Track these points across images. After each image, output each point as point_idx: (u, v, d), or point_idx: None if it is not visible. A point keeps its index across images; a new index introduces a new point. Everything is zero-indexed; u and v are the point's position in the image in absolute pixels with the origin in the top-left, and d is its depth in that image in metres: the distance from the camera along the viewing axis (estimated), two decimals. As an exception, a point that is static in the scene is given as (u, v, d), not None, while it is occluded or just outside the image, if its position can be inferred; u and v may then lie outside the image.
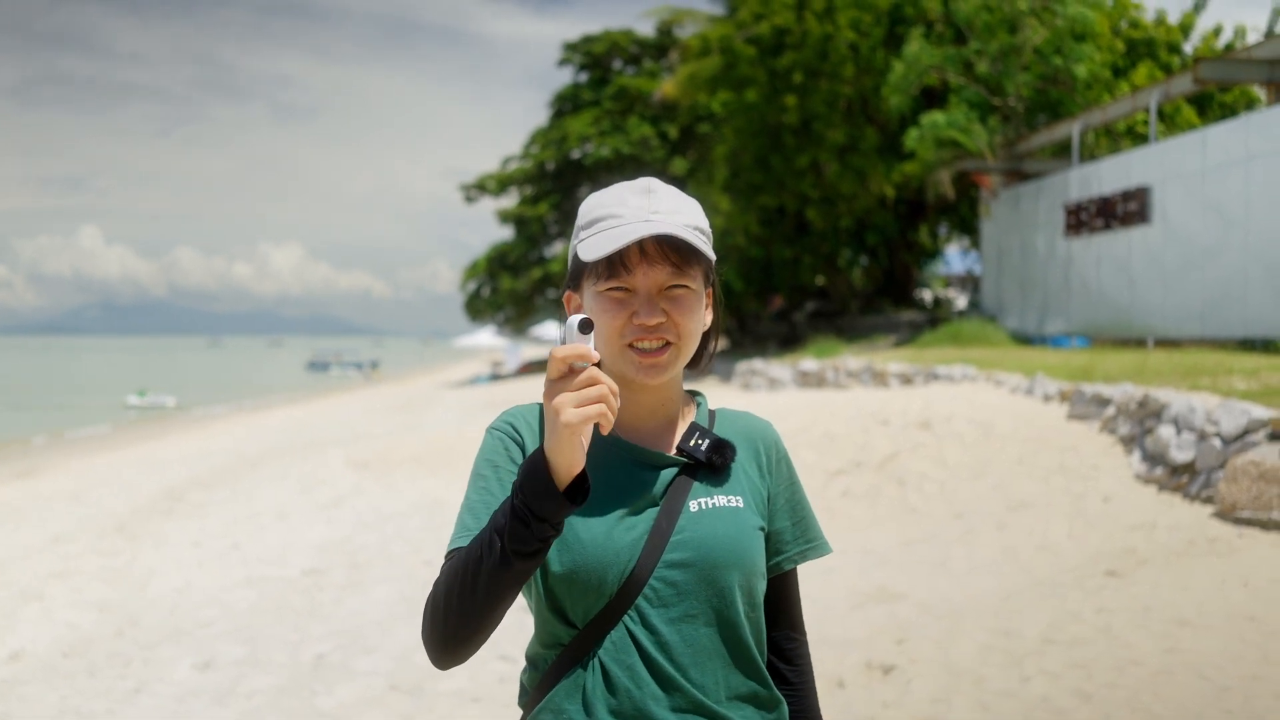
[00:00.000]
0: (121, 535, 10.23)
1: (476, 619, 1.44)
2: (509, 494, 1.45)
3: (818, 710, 1.71)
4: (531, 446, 1.59)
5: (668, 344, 1.56)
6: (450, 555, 1.50)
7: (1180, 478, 7.98)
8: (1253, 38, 26.11)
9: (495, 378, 41.79)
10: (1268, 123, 15.32)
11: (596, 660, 1.52)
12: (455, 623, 1.44)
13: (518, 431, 1.61)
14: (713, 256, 1.60)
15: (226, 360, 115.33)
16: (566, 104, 46.38)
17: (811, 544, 1.69)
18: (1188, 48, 26.63)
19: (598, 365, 1.38)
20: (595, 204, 1.60)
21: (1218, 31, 26.94)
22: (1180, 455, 7.99)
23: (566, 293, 1.66)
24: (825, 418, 11.68)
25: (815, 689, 1.72)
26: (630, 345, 1.55)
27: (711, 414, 1.69)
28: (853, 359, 18.05)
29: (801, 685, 1.69)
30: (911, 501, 8.94)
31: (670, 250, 1.54)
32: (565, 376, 1.36)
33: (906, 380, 14.77)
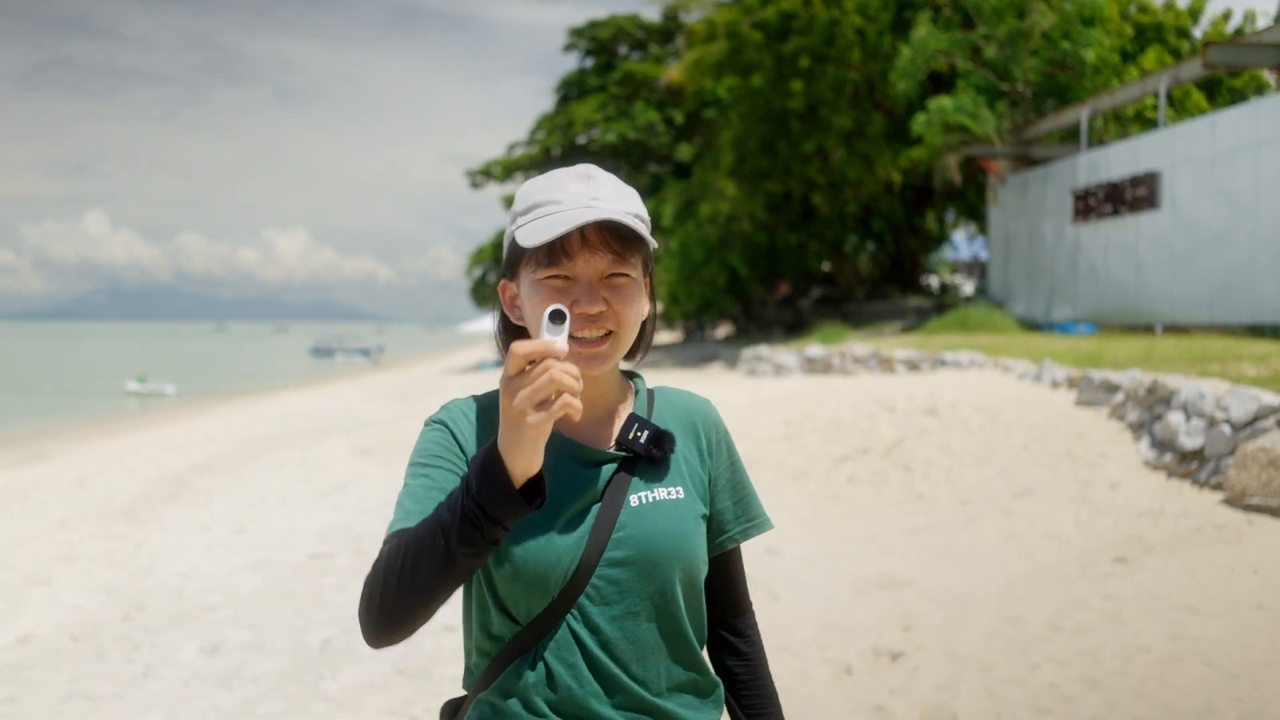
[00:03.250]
0: (127, 520, 10.24)
1: (414, 608, 1.42)
2: (450, 488, 1.45)
3: (769, 678, 1.73)
4: (469, 444, 1.56)
5: (609, 333, 1.52)
6: (389, 539, 1.47)
7: (1189, 464, 7.95)
8: (1262, 22, 25.97)
9: (500, 364, 41.78)
10: (1277, 108, 15.23)
11: (539, 656, 1.52)
12: (391, 608, 1.42)
13: (457, 427, 1.57)
14: (654, 244, 1.57)
15: (231, 346, 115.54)
16: (572, 89, 46.27)
17: (753, 522, 1.68)
18: (1197, 32, 26.49)
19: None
20: (533, 189, 1.56)
21: (1227, 16, 26.80)
22: (1189, 442, 7.96)
23: (502, 282, 1.62)
24: (831, 404, 11.66)
25: (766, 659, 1.74)
26: (570, 335, 1.48)
27: (650, 395, 1.67)
28: (859, 345, 18.01)
29: (753, 656, 1.71)
30: (918, 488, 8.91)
31: (613, 238, 1.50)
32: (524, 373, 1.32)
33: (913, 366, 14.74)
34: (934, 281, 38.21)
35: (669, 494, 1.58)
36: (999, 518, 7.91)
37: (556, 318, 1.35)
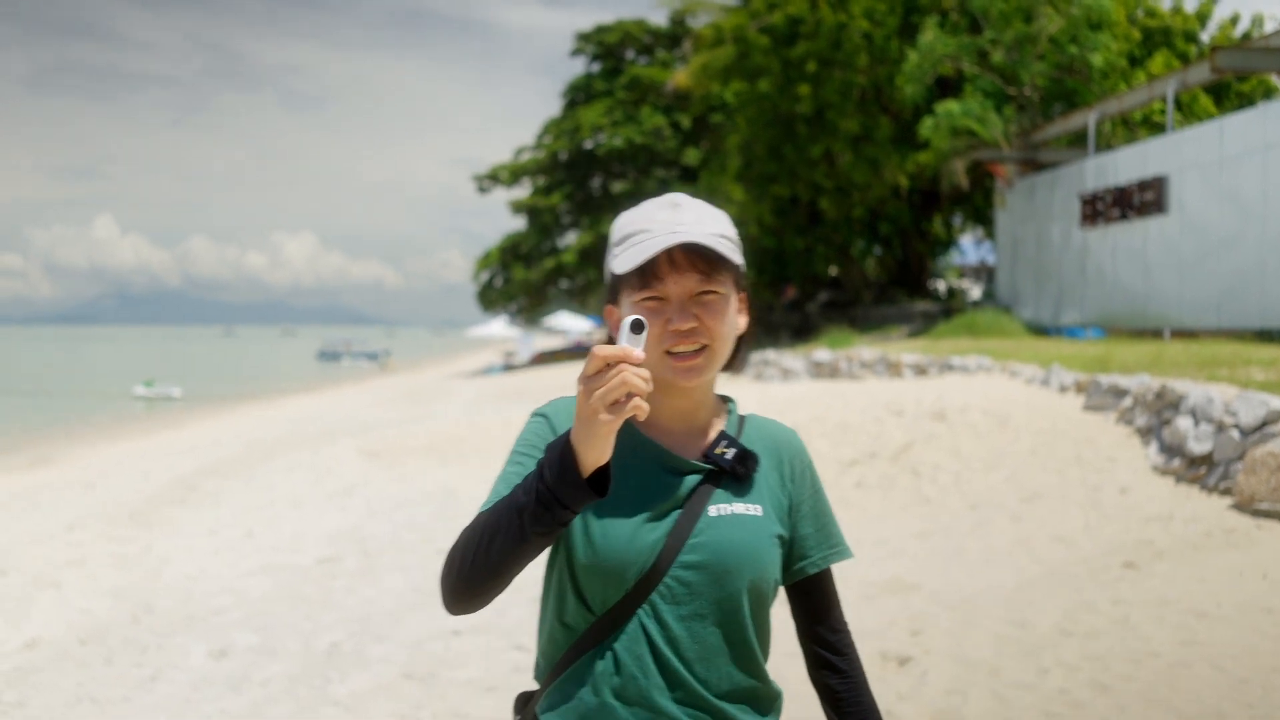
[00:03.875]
0: (135, 523, 10.26)
1: (488, 580, 1.55)
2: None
3: (870, 695, 1.80)
4: None
5: (703, 347, 1.64)
6: (477, 516, 1.59)
7: (1198, 469, 7.93)
8: (1270, 26, 25.94)
9: (508, 368, 41.81)
10: (1286, 112, 15.20)
11: (609, 647, 1.62)
12: (468, 577, 1.55)
13: (558, 420, 1.69)
14: (740, 262, 1.69)
15: (239, 350, 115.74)
16: (579, 94, 46.31)
17: (834, 549, 1.78)
18: (1204, 36, 26.45)
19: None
20: (625, 222, 1.69)
21: (1235, 20, 26.76)
22: (1198, 446, 7.93)
23: (607, 307, 1.74)
24: (839, 408, 11.64)
25: (865, 676, 1.82)
26: (667, 351, 1.63)
27: (741, 420, 1.77)
28: (866, 349, 18.00)
29: (852, 674, 1.79)
30: (926, 492, 8.90)
31: (698, 258, 1.62)
32: (601, 373, 1.42)
33: (921, 371, 14.72)
34: (941, 286, 38.17)
35: (747, 509, 1.68)
36: (1008, 522, 7.89)
37: (636, 327, 1.45)
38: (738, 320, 1.70)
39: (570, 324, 49.44)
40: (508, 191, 46.90)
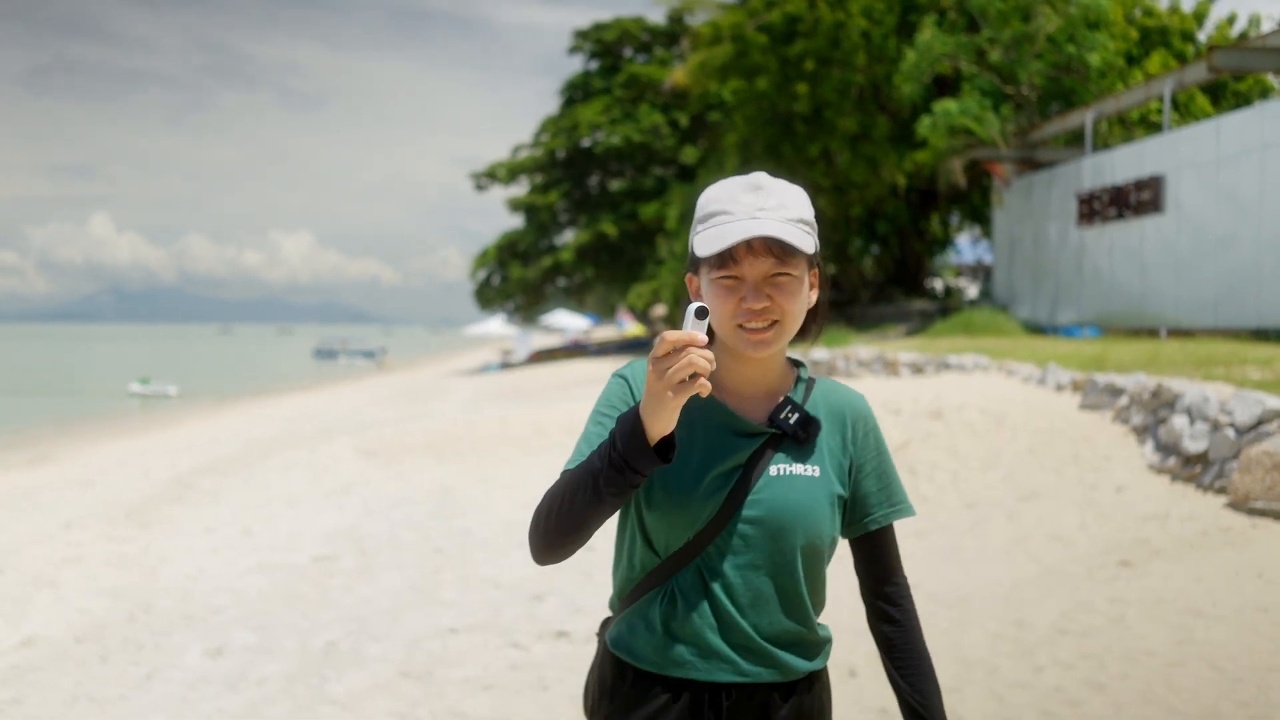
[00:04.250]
0: (133, 522, 10.26)
1: (571, 534, 1.73)
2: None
3: (924, 645, 1.92)
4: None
5: (774, 323, 1.76)
6: (562, 475, 1.76)
7: (1193, 468, 7.94)
8: (1267, 26, 25.95)
9: (505, 366, 41.79)
10: (1283, 111, 15.21)
11: (672, 588, 1.80)
12: (552, 532, 1.74)
13: (636, 382, 1.84)
14: (813, 247, 1.79)
15: (236, 348, 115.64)
16: (577, 92, 46.29)
17: (895, 507, 1.89)
18: (1201, 36, 26.47)
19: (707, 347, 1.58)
20: (710, 199, 1.80)
21: (1232, 20, 26.77)
22: (1194, 445, 7.95)
23: (688, 275, 1.87)
24: (836, 407, 11.64)
25: (920, 627, 1.93)
26: (740, 325, 1.76)
27: (810, 383, 1.90)
28: (863, 348, 18.01)
29: (905, 622, 1.91)
30: (923, 491, 8.91)
31: (775, 244, 1.73)
32: (669, 355, 1.56)
33: (918, 370, 14.73)
34: (938, 284, 38.18)
35: (806, 470, 1.81)
36: (1004, 521, 7.91)
37: (700, 314, 1.59)
38: (810, 295, 1.83)
39: (568, 322, 49.41)
40: (505, 189, 46.88)
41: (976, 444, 9.65)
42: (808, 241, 1.76)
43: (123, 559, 8.63)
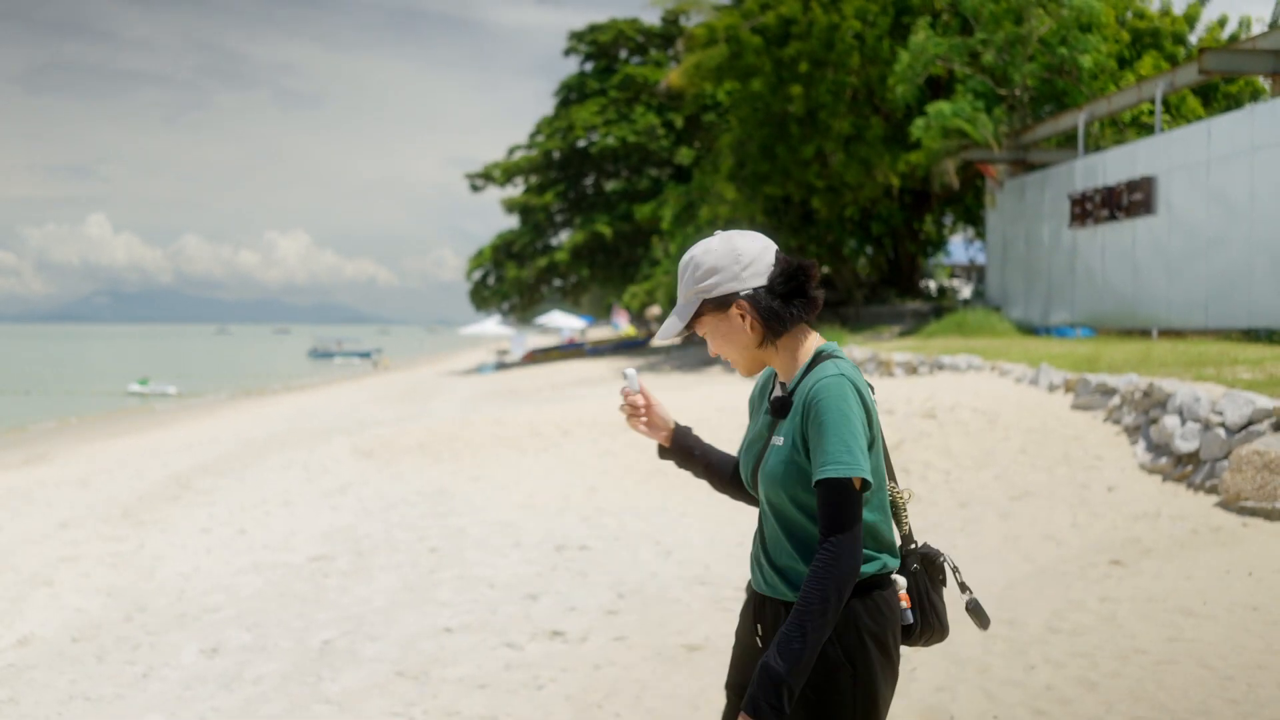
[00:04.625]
0: (129, 521, 10.27)
1: (716, 489, 2.62)
2: (746, 426, 2.56)
3: (804, 591, 2.19)
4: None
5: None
6: None
7: (1184, 467, 7.99)
8: (1257, 29, 25.99)
9: (501, 366, 41.78)
10: (1273, 113, 15.27)
11: (760, 525, 2.42)
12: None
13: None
14: (695, 309, 2.33)
15: (233, 348, 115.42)
16: (572, 93, 46.30)
17: (821, 468, 2.21)
18: (1193, 38, 26.52)
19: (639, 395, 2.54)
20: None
21: (1223, 22, 26.83)
22: (1185, 445, 8.00)
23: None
24: (830, 407, 11.67)
25: (819, 575, 2.19)
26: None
27: (809, 369, 2.34)
28: (857, 348, 18.05)
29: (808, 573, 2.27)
30: (916, 490, 8.95)
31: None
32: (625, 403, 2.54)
33: (911, 370, 14.78)
34: (932, 285, 38.22)
35: (778, 441, 2.32)
36: (997, 520, 7.95)
37: (626, 375, 2.52)
38: (743, 325, 2.34)
39: (563, 322, 49.40)
40: (501, 190, 46.89)
41: (969, 444, 9.69)
42: (685, 315, 2.34)
43: (119, 558, 8.64)
